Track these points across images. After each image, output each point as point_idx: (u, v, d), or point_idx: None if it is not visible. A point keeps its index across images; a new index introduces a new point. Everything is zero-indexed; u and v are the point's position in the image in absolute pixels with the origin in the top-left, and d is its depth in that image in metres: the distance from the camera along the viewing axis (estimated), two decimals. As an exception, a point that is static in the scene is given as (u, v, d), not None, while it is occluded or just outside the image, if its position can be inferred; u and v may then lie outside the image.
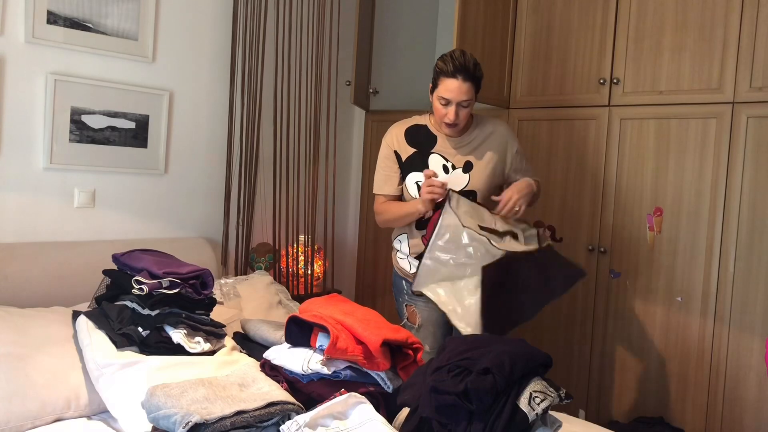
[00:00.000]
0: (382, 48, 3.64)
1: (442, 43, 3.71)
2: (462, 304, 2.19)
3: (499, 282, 2.17)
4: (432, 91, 2.35)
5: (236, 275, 3.03)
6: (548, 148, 3.09)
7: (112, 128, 2.69)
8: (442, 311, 2.25)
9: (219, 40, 3.01)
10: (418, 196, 2.41)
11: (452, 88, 2.26)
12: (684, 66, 2.71)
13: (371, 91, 3.63)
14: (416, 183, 2.42)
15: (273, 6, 3.15)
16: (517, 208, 2.27)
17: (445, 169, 2.40)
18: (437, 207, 2.29)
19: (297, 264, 3.28)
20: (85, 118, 2.61)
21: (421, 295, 2.30)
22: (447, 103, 2.29)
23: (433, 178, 2.27)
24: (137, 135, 2.77)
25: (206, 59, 2.98)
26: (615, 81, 2.87)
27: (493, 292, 2.16)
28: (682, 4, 2.71)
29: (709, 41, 2.64)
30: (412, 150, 2.44)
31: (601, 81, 2.90)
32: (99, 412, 1.99)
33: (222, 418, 1.58)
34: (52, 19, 2.50)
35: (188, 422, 1.54)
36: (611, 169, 2.90)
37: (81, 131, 2.61)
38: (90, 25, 2.61)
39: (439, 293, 2.24)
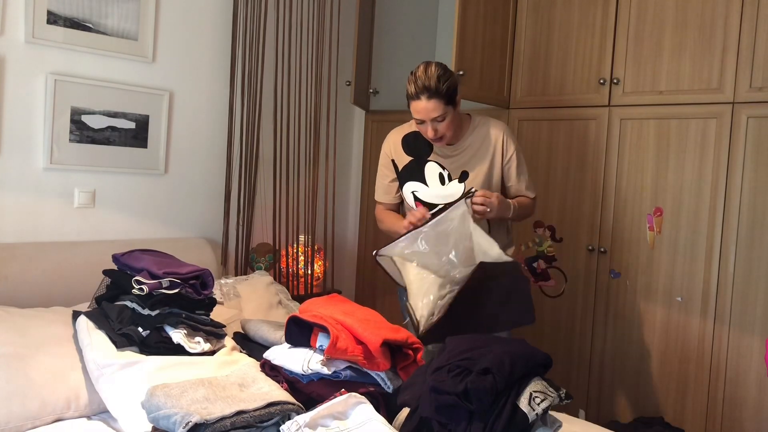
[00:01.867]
0: (382, 48, 3.64)
1: (442, 43, 3.71)
2: (425, 296, 2.17)
3: (476, 288, 2.14)
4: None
5: (236, 275, 3.03)
6: (548, 148, 3.09)
7: (112, 128, 2.69)
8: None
9: (219, 40, 3.01)
10: (414, 205, 2.42)
11: (419, 109, 2.25)
12: (684, 66, 2.71)
13: (371, 91, 3.63)
14: (412, 193, 2.42)
15: (273, 6, 3.15)
16: (488, 210, 2.21)
17: (442, 179, 2.39)
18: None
19: (297, 264, 3.28)
20: (85, 118, 2.61)
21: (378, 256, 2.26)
22: (422, 122, 2.29)
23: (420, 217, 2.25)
24: (137, 135, 2.77)
25: (206, 59, 2.98)
26: (615, 81, 2.87)
27: (464, 296, 2.14)
28: (682, 4, 2.71)
29: (709, 41, 2.64)
30: (408, 158, 2.44)
31: (601, 81, 2.90)
32: (99, 412, 1.99)
33: (222, 418, 1.57)
34: (52, 19, 2.50)
35: (188, 422, 1.54)
36: (611, 169, 2.90)
37: (81, 131, 2.61)
38: (90, 25, 2.61)
39: (408, 268, 2.22)
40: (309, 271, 3.30)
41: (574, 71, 3.02)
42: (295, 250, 3.29)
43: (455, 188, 2.37)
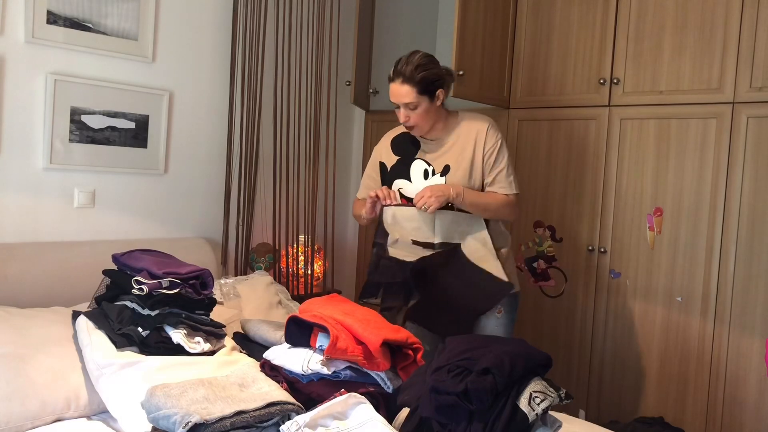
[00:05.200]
0: (382, 48, 3.64)
1: (442, 43, 3.70)
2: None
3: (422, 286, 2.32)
4: None
5: (236, 275, 3.03)
6: (548, 148, 3.09)
7: (112, 128, 2.69)
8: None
9: (219, 40, 3.01)
10: (400, 202, 2.44)
11: (392, 92, 2.33)
12: (684, 66, 2.70)
13: (371, 91, 3.63)
14: (398, 190, 2.44)
15: (273, 6, 3.15)
16: (426, 206, 2.26)
17: (426, 174, 2.41)
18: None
19: (297, 264, 3.28)
20: (85, 118, 2.61)
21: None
22: (397, 106, 2.34)
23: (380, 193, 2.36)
24: (137, 135, 2.77)
25: (206, 59, 2.98)
26: (615, 81, 2.87)
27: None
28: (682, 4, 2.71)
29: (709, 41, 2.64)
30: (396, 158, 2.48)
31: (601, 81, 2.90)
32: (99, 412, 1.99)
33: (222, 419, 1.58)
34: (52, 19, 2.50)
35: (188, 422, 1.54)
36: (611, 169, 2.90)
37: (81, 131, 2.61)
38: (90, 25, 2.61)
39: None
40: (309, 271, 3.30)
41: (574, 71, 3.02)
42: (295, 250, 3.29)
43: (436, 182, 2.39)
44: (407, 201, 2.43)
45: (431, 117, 2.36)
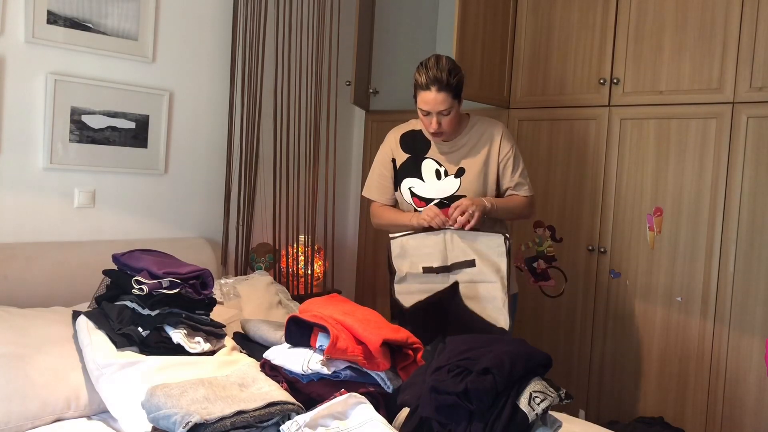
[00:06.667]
0: (382, 48, 3.64)
1: (442, 43, 3.71)
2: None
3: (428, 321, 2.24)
4: (415, 101, 2.35)
5: (236, 275, 3.03)
6: (548, 148, 3.09)
7: (112, 128, 2.69)
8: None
9: (219, 40, 3.01)
10: (411, 201, 2.43)
11: (428, 100, 2.26)
12: (684, 66, 2.71)
13: (371, 91, 3.63)
14: (409, 189, 2.43)
15: (273, 6, 3.15)
16: (471, 213, 2.23)
17: (438, 175, 2.40)
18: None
19: (297, 264, 3.28)
20: (85, 118, 2.61)
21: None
22: (427, 113, 2.30)
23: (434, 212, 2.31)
24: (137, 135, 2.77)
25: (206, 59, 2.98)
26: (615, 81, 2.87)
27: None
28: (682, 4, 2.71)
29: (709, 41, 2.64)
30: (406, 156, 2.46)
31: (601, 81, 2.90)
32: (99, 412, 1.99)
33: (222, 418, 1.58)
34: (52, 19, 2.50)
35: (188, 422, 1.54)
36: (611, 169, 2.90)
37: (81, 131, 2.61)
38: (90, 25, 2.61)
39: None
40: (309, 271, 3.30)
41: (574, 71, 3.02)
42: (295, 250, 3.29)
43: (450, 183, 2.39)
44: (419, 200, 2.42)
45: (456, 120, 2.35)
